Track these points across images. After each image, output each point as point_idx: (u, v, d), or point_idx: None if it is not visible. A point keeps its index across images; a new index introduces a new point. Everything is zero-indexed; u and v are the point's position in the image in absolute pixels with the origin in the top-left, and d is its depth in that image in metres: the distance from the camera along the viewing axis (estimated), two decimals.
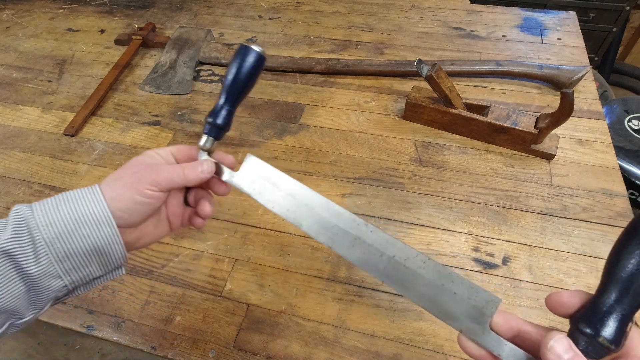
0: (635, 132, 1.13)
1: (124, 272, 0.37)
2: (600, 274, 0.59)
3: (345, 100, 0.85)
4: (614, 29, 1.70)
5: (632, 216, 0.62)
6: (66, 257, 0.32)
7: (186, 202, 0.42)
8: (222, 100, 0.40)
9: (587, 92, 0.82)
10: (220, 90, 0.40)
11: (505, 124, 0.70)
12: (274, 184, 0.39)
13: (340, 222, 0.37)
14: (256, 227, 0.65)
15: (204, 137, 0.40)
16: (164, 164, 0.38)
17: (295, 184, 0.39)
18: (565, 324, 0.32)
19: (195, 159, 0.40)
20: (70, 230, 0.32)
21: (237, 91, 0.40)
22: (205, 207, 0.41)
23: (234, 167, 0.41)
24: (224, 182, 0.41)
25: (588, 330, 0.27)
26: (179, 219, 0.42)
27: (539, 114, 0.70)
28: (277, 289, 0.58)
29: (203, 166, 0.38)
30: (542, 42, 0.94)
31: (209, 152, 0.40)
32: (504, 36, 0.96)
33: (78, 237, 0.32)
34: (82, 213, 0.32)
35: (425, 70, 0.70)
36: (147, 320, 0.57)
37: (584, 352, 0.26)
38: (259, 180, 0.40)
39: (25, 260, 0.31)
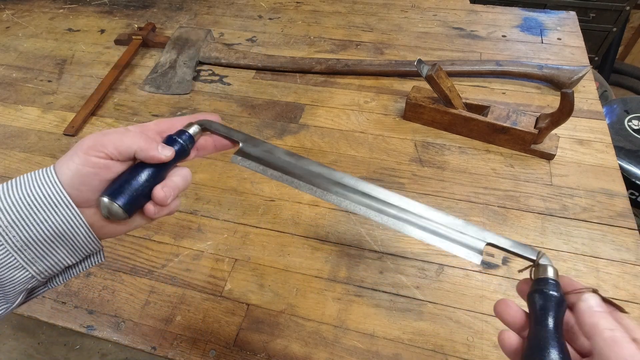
0: (635, 132, 1.13)
1: (103, 258, 0.35)
2: (600, 274, 0.59)
3: (345, 100, 0.85)
4: (614, 29, 1.70)
5: (632, 216, 0.62)
6: (25, 246, 0.29)
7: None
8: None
9: (587, 92, 0.82)
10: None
11: (505, 124, 0.70)
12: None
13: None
14: (256, 227, 0.65)
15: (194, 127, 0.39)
16: (129, 133, 0.34)
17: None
18: None
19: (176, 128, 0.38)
20: (25, 216, 0.29)
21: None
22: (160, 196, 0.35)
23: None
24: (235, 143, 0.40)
25: None
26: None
27: (539, 114, 0.70)
28: (277, 289, 0.58)
29: (165, 150, 0.34)
30: (542, 42, 0.94)
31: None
32: (504, 36, 0.96)
33: (34, 222, 0.29)
34: (36, 196, 0.29)
35: (425, 70, 0.70)
36: (147, 320, 0.57)
37: None
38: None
39: None
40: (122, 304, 0.58)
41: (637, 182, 1.06)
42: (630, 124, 1.15)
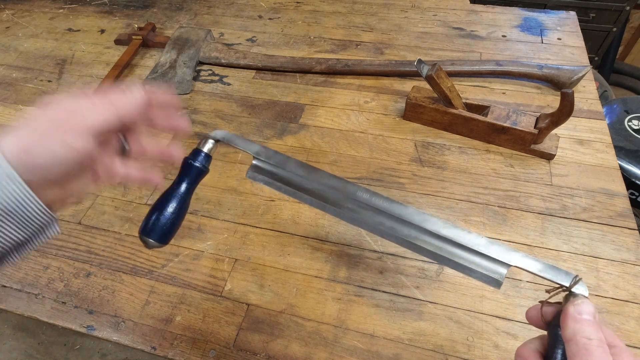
0: (635, 132, 1.13)
1: (58, 230, 0.32)
2: (600, 274, 0.59)
3: (345, 100, 0.85)
4: (614, 29, 1.70)
5: (632, 216, 0.62)
6: None
7: (122, 151, 0.36)
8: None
9: (587, 92, 0.82)
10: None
11: (505, 124, 0.70)
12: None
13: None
14: (256, 227, 0.65)
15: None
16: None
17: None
18: None
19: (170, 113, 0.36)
20: None
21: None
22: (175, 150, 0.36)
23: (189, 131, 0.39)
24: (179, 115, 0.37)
25: None
26: (106, 169, 0.35)
27: (539, 114, 0.70)
28: (277, 289, 0.58)
29: (132, 91, 0.32)
30: (542, 42, 0.94)
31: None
32: (504, 36, 0.96)
33: None
34: None
35: (425, 70, 0.70)
36: (147, 320, 0.57)
37: None
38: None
39: None
40: (122, 304, 0.58)
41: (637, 182, 1.06)
42: (630, 124, 1.15)
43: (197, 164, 0.38)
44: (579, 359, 0.26)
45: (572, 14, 1.01)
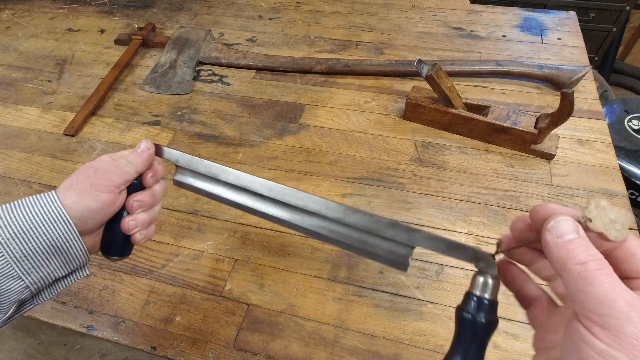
0: (635, 132, 1.13)
1: (87, 272, 0.38)
2: None
3: (345, 100, 0.85)
4: (614, 29, 1.70)
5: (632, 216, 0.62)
6: (24, 257, 0.32)
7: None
8: None
9: (587, 92, 0.82)
10: None
11: (505, 124, 0.70)
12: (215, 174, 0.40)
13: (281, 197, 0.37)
14: (256, 227, 0.65)
15: None
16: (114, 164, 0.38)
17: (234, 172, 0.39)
18: None
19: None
20: (26, 231, 0.32)
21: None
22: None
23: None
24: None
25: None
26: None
27: (539, 114, 0.70)
28: (277, 289, 0.58)
29: (140, 146, 0.39)
30: (542, 42, 0.94)
31: None
32: (504, 36, 0.96)
33: (34, 236, 0.32)
34: (37, 214, 0.33)
35: (425, 70, 0.70)
36: (147, 320, 0.57)
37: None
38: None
39: None
40: (122, 304, 0.58)
41: (637, 182, 1.06)
42: (630, 124, 1.15)
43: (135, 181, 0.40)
44: (581, 294, 0.20)
45: (572, 14, 1.01)
